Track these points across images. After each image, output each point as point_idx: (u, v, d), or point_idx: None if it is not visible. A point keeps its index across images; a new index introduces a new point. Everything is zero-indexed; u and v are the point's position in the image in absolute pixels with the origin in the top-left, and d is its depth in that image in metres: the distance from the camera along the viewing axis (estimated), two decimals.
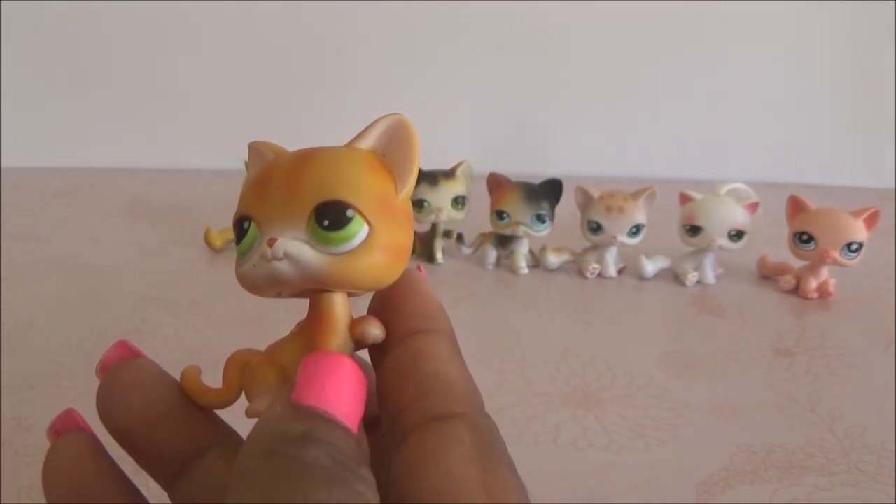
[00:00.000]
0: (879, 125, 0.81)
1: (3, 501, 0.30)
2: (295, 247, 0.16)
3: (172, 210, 0.71)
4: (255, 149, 0.19)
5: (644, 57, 0.81)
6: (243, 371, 0.18)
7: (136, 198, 0.76)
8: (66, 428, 0.18)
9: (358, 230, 0.16)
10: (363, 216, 0.16)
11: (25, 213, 0.71)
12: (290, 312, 0.48)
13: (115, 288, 0.53)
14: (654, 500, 0.31)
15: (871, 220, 0.50)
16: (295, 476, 0.13)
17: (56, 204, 0.74)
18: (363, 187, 0.16)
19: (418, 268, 0.19)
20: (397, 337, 0.17)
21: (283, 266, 0.16)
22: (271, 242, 0.16)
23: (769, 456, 0.34)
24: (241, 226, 0.18)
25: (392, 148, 0.17)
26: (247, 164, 0.19)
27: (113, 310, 0.48)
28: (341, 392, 0.14)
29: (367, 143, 0.17)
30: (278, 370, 0.17)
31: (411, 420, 0.15)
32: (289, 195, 0.16)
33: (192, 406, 0.18)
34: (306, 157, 0.17)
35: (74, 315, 0.48)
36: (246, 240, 0.17)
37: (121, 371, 0.18)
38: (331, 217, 0.16)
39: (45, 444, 0.33)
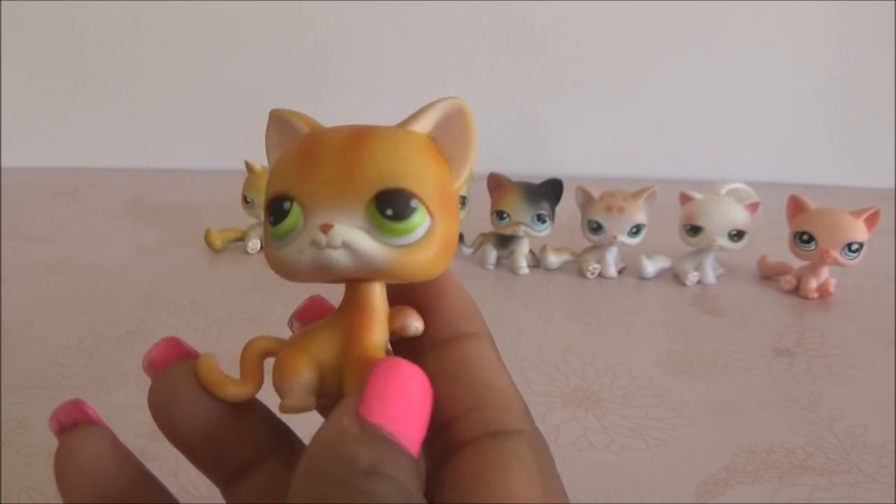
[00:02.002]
0: (879, 125, 0.81)
1: (3, 501, 0.30)
2: (355, 235, 0.15)
3: (172, 210, 0.71)
4: (281, 118, 0.17)
5: (644, 57, 0.81)
6: (262, 361, 0.17)
7: (136, 198, 0.76)
8: (69, 418, 0.17)
9: (421, 222, 0.15)
10: (427, 207, 0.15)
11: (25, 213, 0.71)
12: (290, 310, 0.48)
13: (115, 288, 0.53)
14: (654, 500, 0.31)
15: (872, 220, 0.50)
16: None
17: (56, 204, 0.74)
18: (427, 176, 0.15)
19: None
20: (437, 336, 0.16)
21: (339, 255, 0.15)
22: (326, 229, 0.15)
23: (769, 456, 0.34)
24: (279, 205, 0.16)
25: (448, 135, 0.16)
26: (267, 141, 0.17)
27: (113, 310, 0.48)
28: (410, 411, 0.14)
29: (422, 127, 0.16)
30: (312, 363, 0.16)
31: (466, 431, 0.15)
32: (344, 177, 0.15)
33: (255, 410, 0.17)
34: (363, 137, 0.16)
35: (74, 315, 0.48)
36: (287, 222, 0.16)
37: (176, 372, 0.17)
38: (395, 207, 0.15)
39: (46, 444, 0.33)
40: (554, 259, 0.56)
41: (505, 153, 0.82)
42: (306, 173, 0.16)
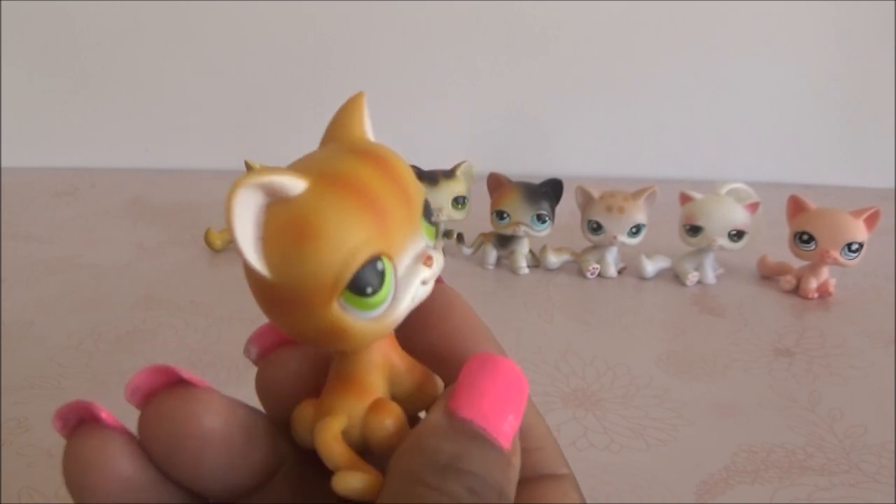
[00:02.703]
0: (879, 125, 0.81)
1: (3, 501, 0.30)
2: (438, 255, 0.15)
3: (172, 210, 0.71)
4: (256, 184, 0.14)
5: (644, 57, 0.81)
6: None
7: (136, 198, 0.76)
8: (75, 416, 0.16)
9: None
10: None
11: (25, 213, 0.71)
12: None
13: (115, 288, 0.53)
14: (654, 500, 0.31)
15: (872, 220, 0.50)
16: None
17: (56, 204, 0.74)
18: None
19: (440, 279, 0.17)
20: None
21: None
22: (429, 262, 0.14)
23: (769, 456, 0.34)
24: (374, 270, 0.13)
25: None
26: (237, 218, 0.14)
27: (113, 310, 0.48)
28: (501, 404, 0.14)
29: (370, 135, 0.16)
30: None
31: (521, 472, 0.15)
32: (408, 207, 0.14)
33: (258, 435, 0.16)
34: (384, 158, 0.15)
35: (74, 315, 0.48)
36: (387, 282, 0.14)
37: (171, 402, 0.15)
38: (429, 212, 0.15)
39: (46, 444, 0.33)
40: (554, 259, 0.56)
41: (505, 153, 0.82)
42: (380, 220, 0.14)
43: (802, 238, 0.51)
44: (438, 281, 0.16)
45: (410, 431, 0.14)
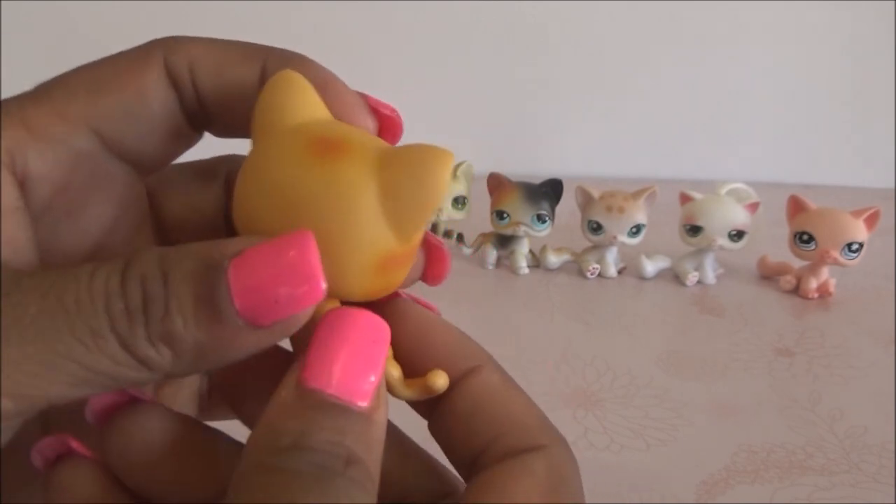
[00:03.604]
0: (879, 125, 0.81)
1: (3, 501, 0.30)
2: None
3: None
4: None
5: (644, 57, 0.81)
6: None
7: None
8: (53, 452, 0.15)
9: None
10: None
11: None
12: None
13: None
14: (654, 500, 0.31)
15: (872, 220, 0.50)
16: (275, 490, 0.12)
17: None
18: None
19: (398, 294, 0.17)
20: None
21: None
22: None
23: (770, 456, 0.34)
24: None
25: None
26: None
27: None
28: (356, 360, 0.14)
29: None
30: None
31: (486, 461, 0.15)
32: None
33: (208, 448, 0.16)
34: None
35: None
36: None
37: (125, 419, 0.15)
38: None
39: None
40: (554, 259, 0.56)
41: (505, 153, 0.82)
42: None
43: (802, 238, 0.51)
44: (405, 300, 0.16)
45: (262, 413, 0.14)
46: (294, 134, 0.15)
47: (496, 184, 0.55)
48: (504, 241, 0.57)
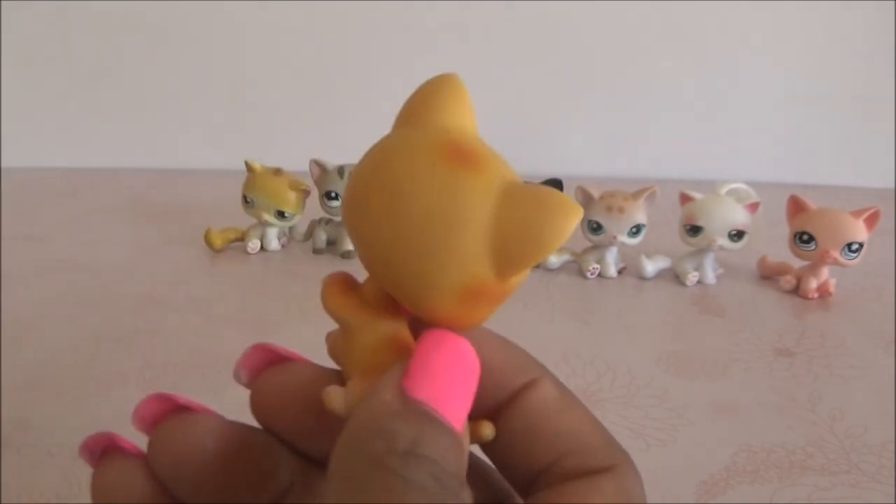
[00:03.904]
0: (879, 125, 0.81)
1: (3, 501, 0.30)
2: None
3: (172, 210, 0.71)
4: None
5: (644, 57, 0.81)
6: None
7: (136, 198, 0.76)
8: (99, 446, 0.16)
9: None
10: None
11: (25, 213, 0.71)
12: (291, 310, 0.48)
13: (115, 288, 0.53)
14: (654, 500, 0.31)
15: (872, 220, 0.50)
16: (399, 499, 0.12)
17: (56, 204, 0.74)
18: None
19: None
20: (499, 401, 0.16)
21: None
22: None
23: (769, 456, 0.34)
24: None
25: None
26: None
27: (113, 310, 0.48)
28: (456, 385, 0.13)
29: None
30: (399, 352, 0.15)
31: (550, 480, 0.15)
32: None
33: (258, 454, 0.16)
34: None
35: (74, 315, 0.48)
36: None
37: (178, 425, 0.16)
38: None
39: (46, 443, 0.33)
40: (554, 259, 0.56)
41: (505, 153, 0.82)
42: None
43: (802, 238, 0.51)
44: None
45: (357, 408, 0.13)
46: (433, 133, 0.14)
47: None
48: None
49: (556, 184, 0.54)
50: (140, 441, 0.16)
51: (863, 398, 0.39)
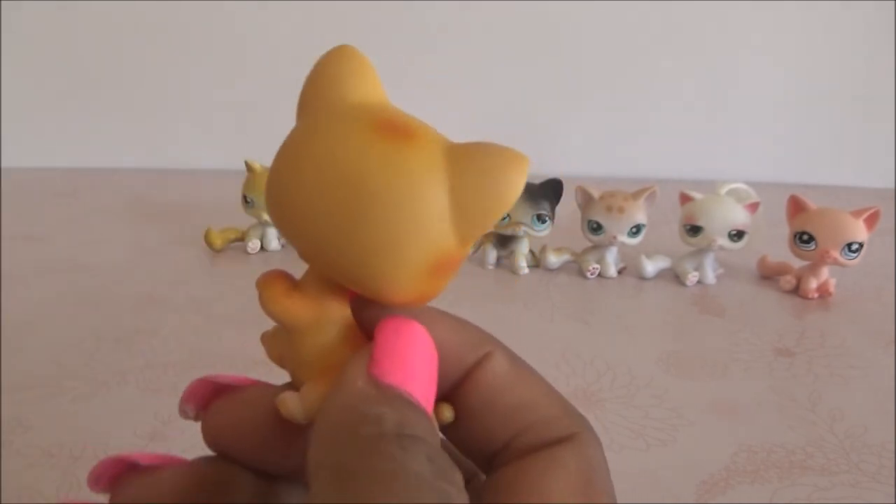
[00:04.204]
0: (879, 125, 0.81)
1: (3, 501, 0.30)
2: None
3: (172, 210, 0.71)
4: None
5: (644, 57, 0.81)
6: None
7: (136, 198, 0.76)
8: (109, 474, 0.16)
9: None
10: None
11: (25, 213, 0.71)
12: None
13: (115, 288, 0.53)
14: (654, 500, 0.31)
15: (872, 220, 0.50)
16: (403, 493, 0.11)
17: (56, 204, 0.74)
18: None
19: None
20: (452, 379, 0.15)
21: None
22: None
23: (769, 456, 0.34)
24: None
25: None
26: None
27: (113, 310, 0.48)
28: (421, 371, 0.13)
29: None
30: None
31: (511, 455, 0.15)
32: None
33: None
34: None
35: (74, 315, 0.48)
36: None
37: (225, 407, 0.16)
38: None
39: (46, 443, 0.33)
40: (554, 259, 0.56)
41: None
42: None
43: (802, 238, 0.51)
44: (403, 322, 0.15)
45: (328, 402, 0.13)
46: (357, 112, 0.14)
47: None
48: (504, 241, 0.57)
49: (556, 184, 0.54)
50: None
51: (863, 398, 0.39)
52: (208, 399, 0.16)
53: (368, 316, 0.14)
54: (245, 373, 0.17)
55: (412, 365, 0.13)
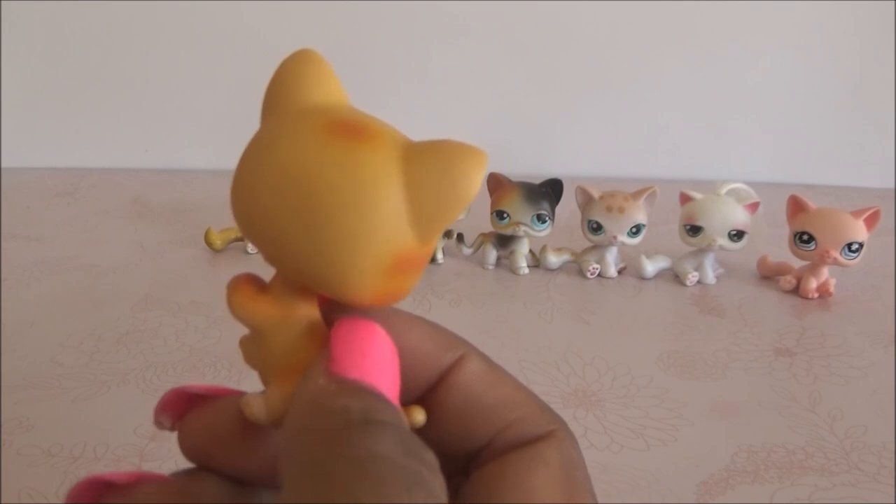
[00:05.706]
0: (879, 125, 0.81)
1: (3, 501, 0.30)
2: None
3: (172, 210, 0.71)
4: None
5: (644, 57, 0.81)
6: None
7: (136, 198, 0.76)
8: (89, 494, 0.16)
9: None
10: None
11: (25, 213, 0.71)
12: None
13: (115, 288, 0.53)
14: (654, 500, 0.31)
15: (872, 220, 0.50)
16: (373, 476, 0.11)
17: (56, 204, 0.74)
18: None
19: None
20: (426, 382, 0.16)
21: None
22: None
23: (770, 456, 0.34)
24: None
25: None
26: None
27: (113, 310, 0.48)
28: (381, 366, 0.13)
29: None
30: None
31: (491, 454, 0.15)
32: None
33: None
34: None
35: (74, 315, 0.48)
36: None
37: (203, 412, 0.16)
38: None
39: (46, 444, 0.33)
40: (554, 259, 0.56)
41: (505, 153, 0.82)
42: None
43: (802, 238, 0.51)
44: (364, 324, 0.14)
45: (294, 401, 0.13)
46: (313, 114, 0.14)
47: (496, 184, 0.55)
48: (504, 241, 0.57)
49: (556, 184, 0.54)
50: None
51: (863, 398, 0.39)
52: (183, 410, 0.16)
53: (335, 319, 0.15)
54: (245, 373, 0.17)
55: (371, 360, 0.13)
